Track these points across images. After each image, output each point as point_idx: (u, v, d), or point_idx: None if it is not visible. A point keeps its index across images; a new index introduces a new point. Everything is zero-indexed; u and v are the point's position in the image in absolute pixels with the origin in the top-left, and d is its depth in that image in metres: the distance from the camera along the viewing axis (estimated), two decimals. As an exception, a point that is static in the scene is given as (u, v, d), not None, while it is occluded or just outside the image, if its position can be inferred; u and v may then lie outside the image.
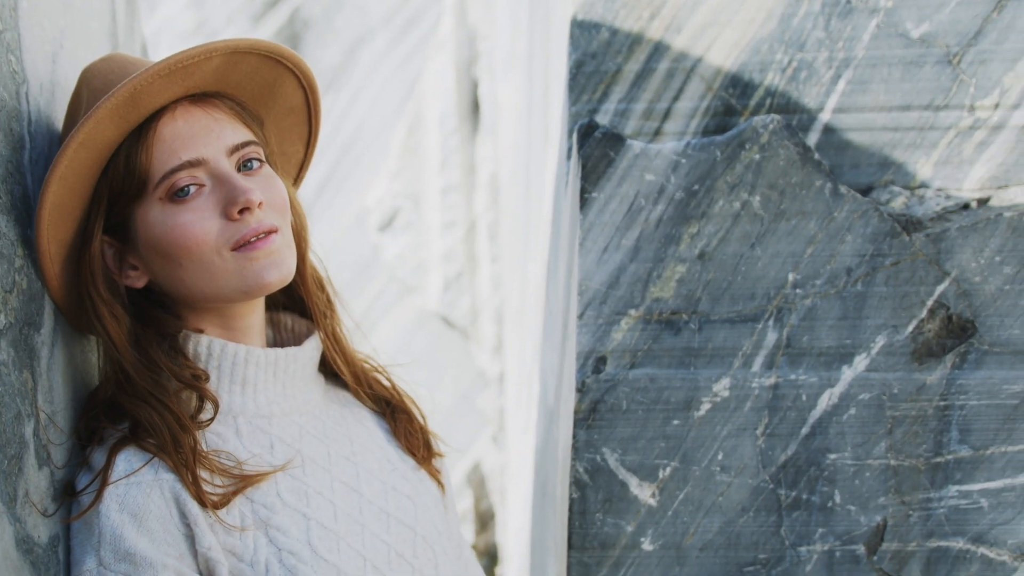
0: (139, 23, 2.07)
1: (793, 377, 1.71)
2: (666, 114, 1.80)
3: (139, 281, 1.42)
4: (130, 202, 1.37)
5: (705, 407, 1.71)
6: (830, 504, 1.71)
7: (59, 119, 1.49)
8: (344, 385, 1.59)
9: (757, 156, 1.72)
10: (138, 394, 1.36)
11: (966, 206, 1.75)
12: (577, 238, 1.72)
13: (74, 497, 1.34)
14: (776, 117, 1.72)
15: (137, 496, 1.31)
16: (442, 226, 4.87)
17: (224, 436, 1.41)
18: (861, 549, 1.71)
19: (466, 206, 4.83)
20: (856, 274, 1.71)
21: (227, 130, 1.39)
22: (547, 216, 2.30)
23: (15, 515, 1.24)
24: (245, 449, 1.42)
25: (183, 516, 1.32)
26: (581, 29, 1.79)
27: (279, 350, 1.46)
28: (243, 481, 1.36)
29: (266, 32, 5.03)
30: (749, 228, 1.71)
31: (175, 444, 1.34)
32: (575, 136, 1.74)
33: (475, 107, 4.89)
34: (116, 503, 1.31)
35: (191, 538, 1.32)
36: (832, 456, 1.71)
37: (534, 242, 2.77)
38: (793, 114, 1.78)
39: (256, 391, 1.44)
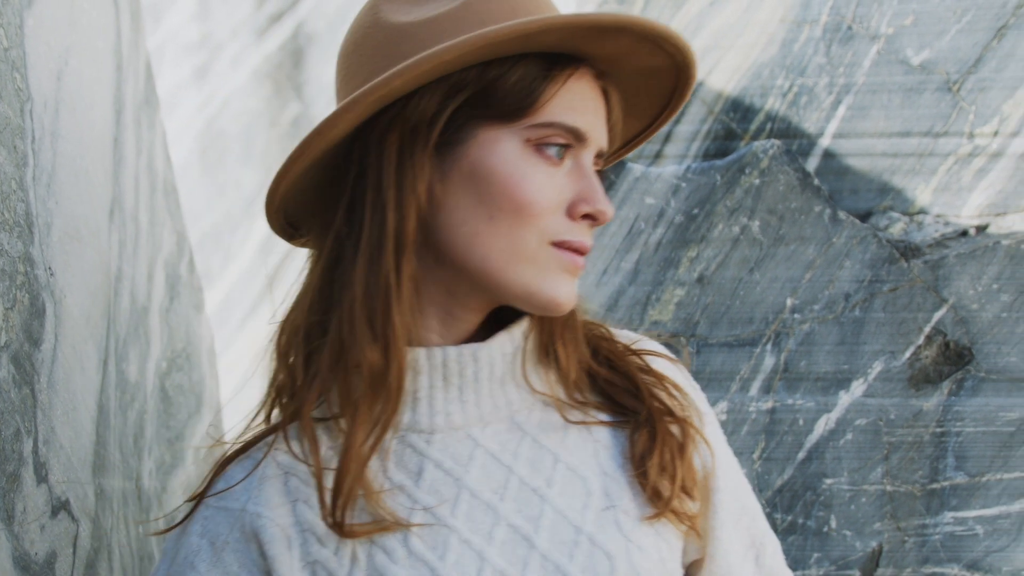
0: (144, 40, 2.08)
1: (790, 402, 1.71)
2: (667, 137, 1.81)
3: None
4: (485, 118, 1.08)
5: (702, 430, 1.71)
6: (826, 529, 1.71)
7: (64, 136, 1.49)
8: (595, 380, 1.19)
9: (757, 181, 1.72)
10: (354, 340, 1.06)
11: (964, 233, 1.76)
12: (577, 260, 1.73)
13: (185, 502, 1.17)
14: (776, 142, 1.73)
15: (221, 523, 1.10)
16: (443, 241, 4.86)
17: None
18: (856, 574, 1.71)
19: (467, 222, 4.83)
20: (854, 299, 1.72)
21: (604, 133, 1.15)
22: (547, 236, 2.31)
23: (12, 532, 1.24)
24: (383, 475, 1.09)
25: (263, 556, 1.08)
26: (583, 52, 1.80)
27: (450, 349, 1.12)
28: (374, 523, 1.06)
29: (270, 46, 5.05)
30: (748, 252, 1.72)
31: (346, 448, 1.05)
32: (576, 158, 1.75)
33: (477, 123, 4.89)
34: (200, 525, 1.12)
35: None
36: (828, 481, 1.71)
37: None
38: (793, 139, 1.79)
39: (416, 401, 1.12)
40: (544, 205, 1.08)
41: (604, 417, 1.16)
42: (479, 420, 1.13)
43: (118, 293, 1.66)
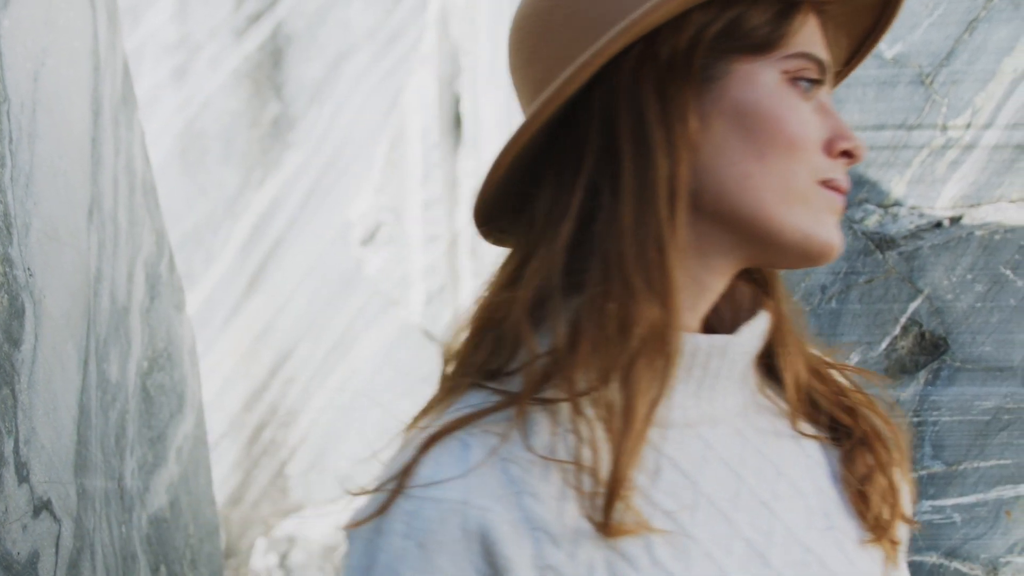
0: (121, 40, 2.08)
1: (769, 393, 1.72)
2: (644, 133, 1.82)
3: None
4: (738, 51, 1.00)
5: (682, 423, 1.72)
6: (805, 519, 1.72)
7: (41, 137, 1.49)
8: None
9: (733, 175, 1.74)
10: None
11: (938, 224, 1.78)
12: (555, 255, 1.73)
13: (370, 492, 0.96)
14: (752, 136, 1.74)
15: (431, 519, 0.92)
16: (424, 240, 4.88)
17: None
18: (836, 563, 1.72)
19: (448, 220, 4.85)
20: (830, 291, 1.73)
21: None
22: (527, 232, 2.31)
23: (-6, 532, 1.25)
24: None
25: (488, 559, 0.92)
26: (560, 48, 1.81)
27: (700, 338, 0.99)
28: (630, 524, 0.93)
29: (250, 46, 5.04)
30: (725, 246, 1.73)
31: (626, 425, 0.92)
32: (554, 154, 1.76)
33: (457, 121, 4.91)
34: (403, 522, 0.93)
35: None
36: (807, 471, 1.72)
37: (515, 257, 2.77)
38: (769, 133, 1.80)
39: None
40: (812, 139, 0.99)
41: (810, 430, 1.06)
42: (710, 419, 1.01)
43: (98, 293, 1.66)
